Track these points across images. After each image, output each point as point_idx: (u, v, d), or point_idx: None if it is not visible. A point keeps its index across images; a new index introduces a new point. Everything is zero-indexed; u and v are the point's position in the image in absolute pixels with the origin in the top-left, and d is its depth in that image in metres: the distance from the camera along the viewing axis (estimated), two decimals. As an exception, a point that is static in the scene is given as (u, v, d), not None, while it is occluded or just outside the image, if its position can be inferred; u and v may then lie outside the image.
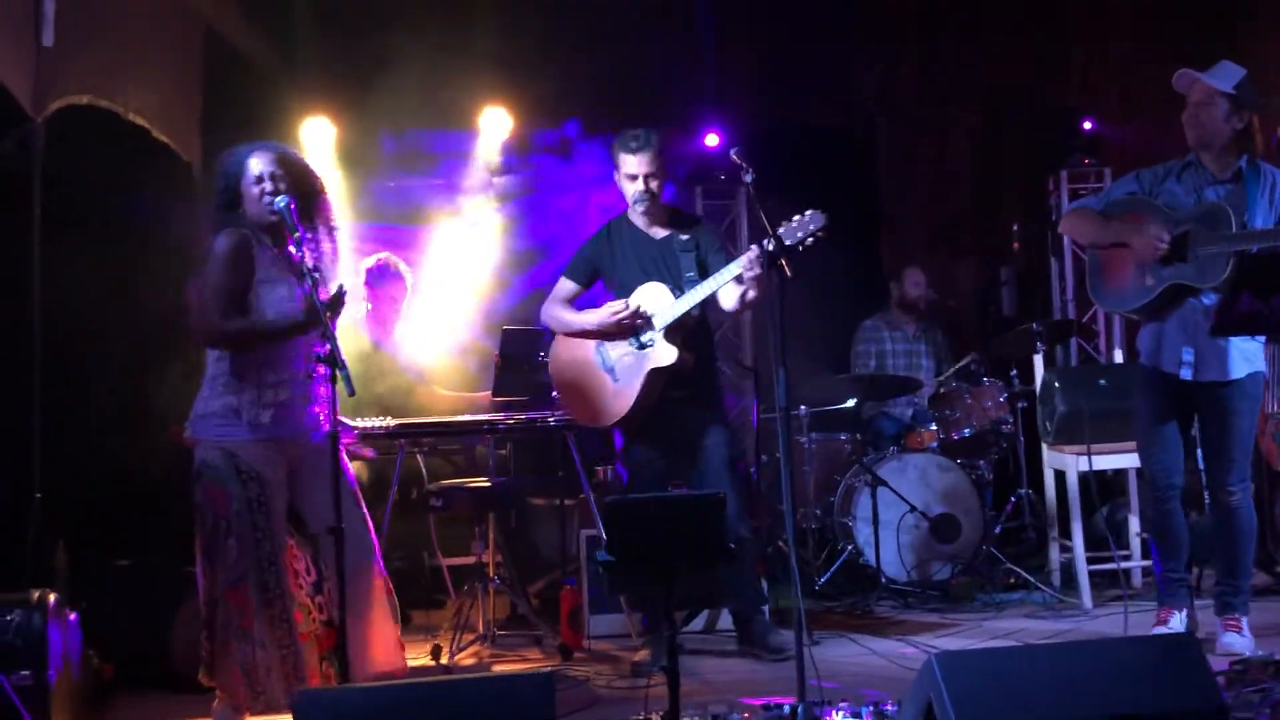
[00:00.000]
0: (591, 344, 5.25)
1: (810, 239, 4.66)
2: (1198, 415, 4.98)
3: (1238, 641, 4.81)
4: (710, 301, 5.11)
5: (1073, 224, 5.24)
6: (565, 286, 5.39)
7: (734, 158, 4.48)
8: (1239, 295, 4.26)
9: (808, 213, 4.70)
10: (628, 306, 5.12)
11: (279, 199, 4.15)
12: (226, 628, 4.10)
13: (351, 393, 3.93)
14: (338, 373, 3.91)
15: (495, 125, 7.61)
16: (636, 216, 5.31)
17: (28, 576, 4.71)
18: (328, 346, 3.92)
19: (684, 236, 5.25)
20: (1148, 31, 8.34)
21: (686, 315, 5.08)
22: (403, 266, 6.46)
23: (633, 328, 5.13)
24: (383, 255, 6.47)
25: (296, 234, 4.10)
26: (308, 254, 4.11)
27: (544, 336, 5.83)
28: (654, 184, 5.20)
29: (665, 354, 5.07)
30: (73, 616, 4.44)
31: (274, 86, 7.25)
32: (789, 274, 4.10)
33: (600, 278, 5.39)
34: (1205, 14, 8.03)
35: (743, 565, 5.24)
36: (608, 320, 5.14)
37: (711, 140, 8.32)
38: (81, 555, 5.35)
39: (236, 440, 4.15)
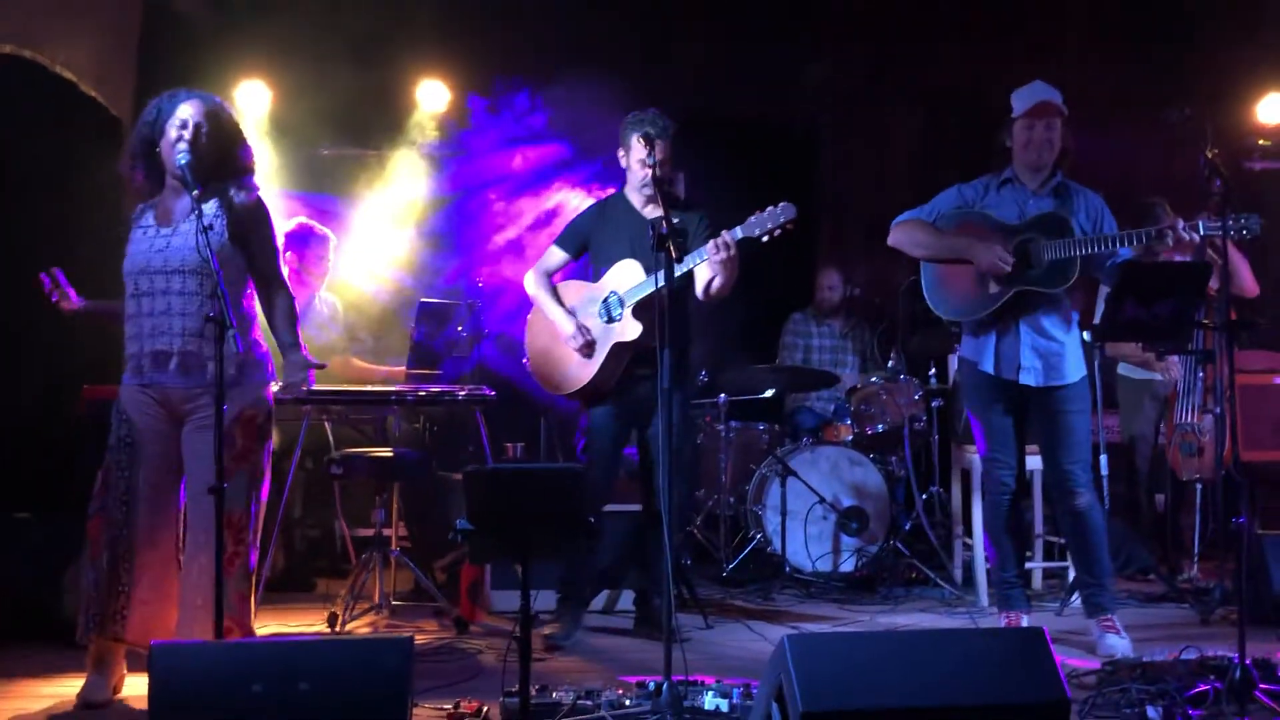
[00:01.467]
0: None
1: (777, 230, 4.77)
2: (1035, 420, 5.11)
3: (1119, 644, 4.91)
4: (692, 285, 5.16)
5: (907, 235, 5.21)
6: (554, 255, 5.45)
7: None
8: (1123, 303, 4.34)
9: (780, 204, 4.80)
10: (581, 339, 5.18)
11: (182, 156, 4.18)
12: (86, 563, 4.25)
13: (238, 351, 3.96)
14: (225, 332, 3.91)
15: (432, 96, 7.62)
16: (634, 195, 5.35)
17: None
18: (216, 305, 3.94)
19: (675, 220, 5.25)
20: (1093, 36, 8.45)
21: (655, 294, 5.10)
22: (325, 230, 6.46)
23: (588, 345, 5.18)
24: (302, 219, 6.47)
25: (195, 192, 4.14)
26: (205, 210, 4.16)
27: (459, 311, 5.86)
28: (665, 171, 5.22)
29: (630, 329, 5.12)
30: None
31: (211, 48, 7.24)
32: (674, 256, 4.12)
33: (587, 250, 5.43)
34: (1148, 20, 8.15)
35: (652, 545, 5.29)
36: (564, 334, 5.23)
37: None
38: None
39: (124, 384, 4.31)
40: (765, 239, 4.82)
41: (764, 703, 3.36)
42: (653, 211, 5.28)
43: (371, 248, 7.32)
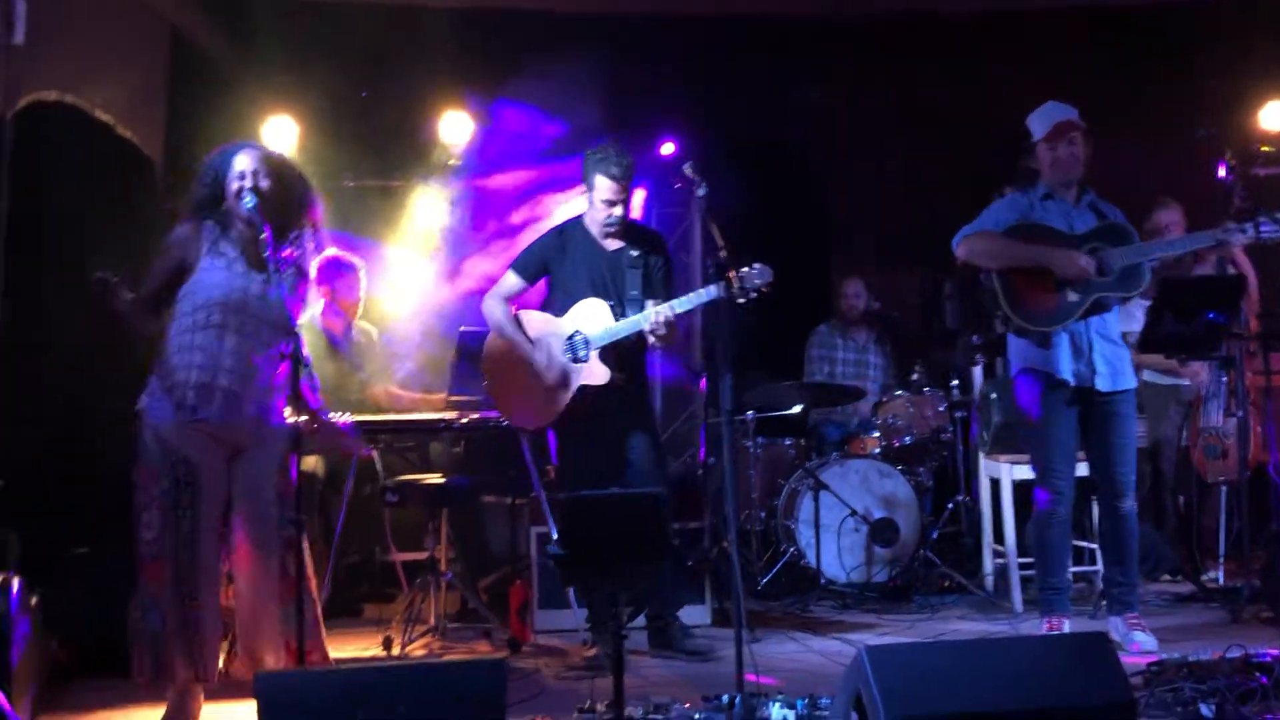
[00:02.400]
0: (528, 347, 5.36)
1: (754, 294, 4.84)
2: (1094, 425, 5.24)
3: (1147, 639, 5.11)
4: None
5: (982, 246, 5.25)
6: (510, 281, 5.43)
7: (687, 172, 4.63)
8: (1162, 317, 4.49)
9: (756, 266, 4.86)
10: (555, 371, 5.24)
11: (248, 199, 4.31)
12: (142, 600, 4.27)
13: (313, 384, 4.11)
14: (300, 369, 4.04)
15: (454, 127, 7.76)
16: (593, 227, 5.39)
17: (-13, 563, 4.79)
18: (291, 344, 4.06)
19: (634, 253, 5.34)
20: (1093, 50, 8.60)
21: (621, 340, 5.23)
22: (354, 259, 6.59)
23: (562, 377, 5.25)
24: (332, 250, 6.59)
25: (263, 235, 4.25)
26: (276, 250, 4.29)
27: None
28: (623, 209, 5.30)
29: (598, 373, 5.22)
30: (34, 600, 4.55)
31: (238, 87, 7.38)
32: (737, 288, 4.26)
33: (546, 276, 5.44)
34: (1148, 32, 8.32)
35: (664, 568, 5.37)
36: (536, 365, 5.28)
37: (667, 149, 8.48)
38: (38, 543, 5.44)
39: (164, 422, 4.29)
40: (741, 301, 4.82)
41: (842, 712, 3.49)
42: (612, 244, 5.36)
43: (402, 277, 7.45)
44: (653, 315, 5.02)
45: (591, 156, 5.30)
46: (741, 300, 4.81)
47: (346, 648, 5.66)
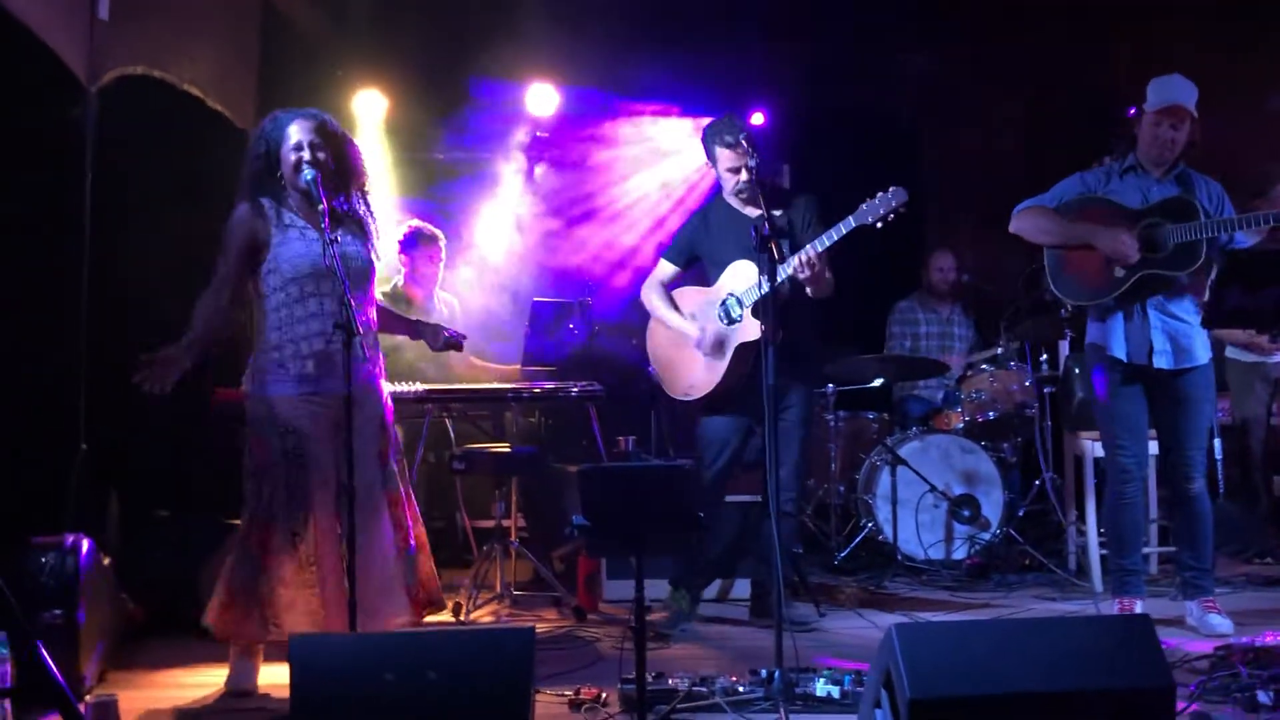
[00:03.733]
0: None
1: (890, 215, 4.87)
2: (1160, 404, 5.10)
3: (1222, 622, 4.99)
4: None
5: (1031, 222, 5.21)
6: (664, 269, 5.56)
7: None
8: (1228, 290, 4.35)
9: (890, 189, 4.88)
10: (709, 339, 5.31)
11: (307, 172, 4.36)
12: (246, 564, 4.36)
13: (364, 358, 4.16)
14: (352, 339, 4.09)
15: (539, 100, 7.79)
16: (732, 198, 5.43)
17: (68, 522, 4.95)
18: (344, 313, 4.11)
19: (776, 213, 5.34)
20: (1193, 21, 8.33)
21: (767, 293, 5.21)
22: (435, 230, 6.67)
23: (717, 344, 5.30)
24: (414, 222, 6.68)
25: (320, 205, 4.30)
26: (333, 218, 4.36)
27: (571, 309, 6.02)
28: (751, 172, 5.29)
29: (752, 329, 5.21)
30: (106, 561, 4.71)
31: (328, 59, 7.51)
32: (779, 257, 4.22)
33: (698, 260, 5.53)
34: (1252, 3, 8.02)
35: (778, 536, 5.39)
36: (690, 338, 5.36)
37: (757, 119, 8.42)
38: (125, 505, 5.64)
39: (275, 395, 4.39)
40: (879, 225, 4.89)
41: (874, 690, 3.45)
42: (753, 211, 5.34)
43: (484, 249, 7.51)
44: (795, 260, 5.01)
45: (708, 131, 5.37)
46: (880, 225, 4.88)
47: (417, 613, 5.76)
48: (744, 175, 5.29)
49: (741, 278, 5.29)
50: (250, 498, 4.41)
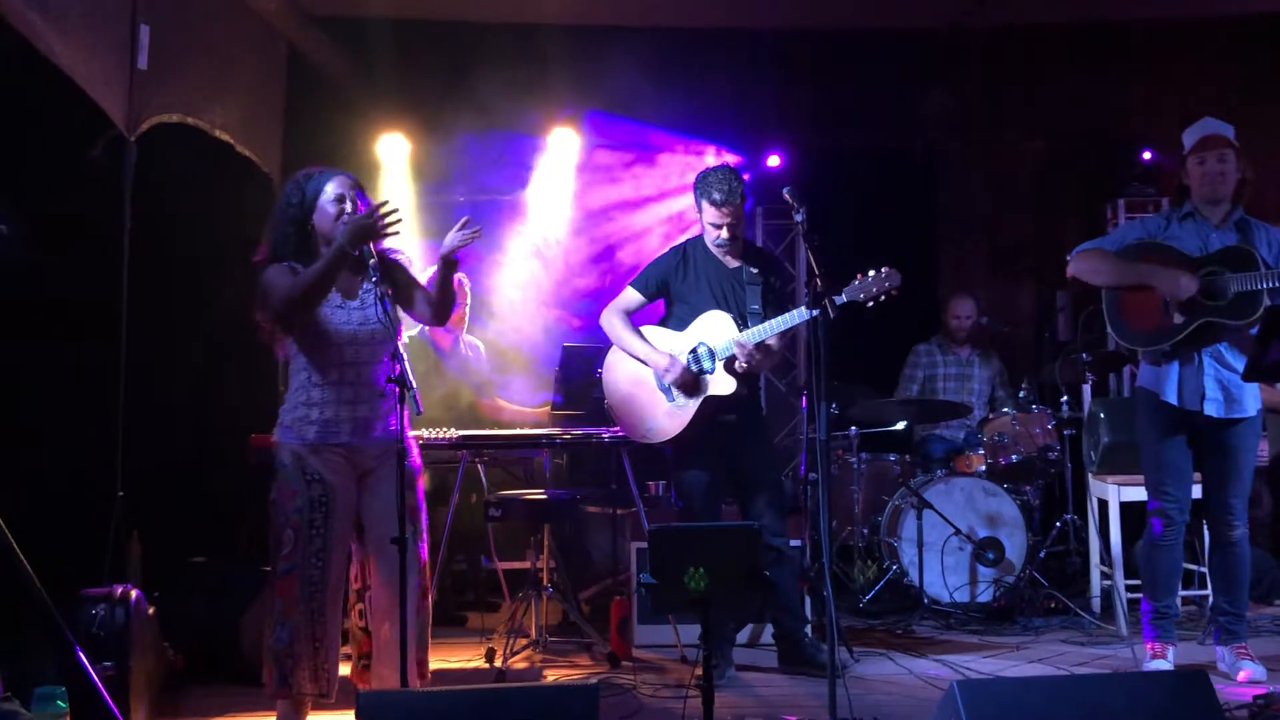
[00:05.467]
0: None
1: (881, 296, 4.89)
2: (1207, 452, 5.15)
3: (1257, 669, 5.04)
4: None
5: (1089, 264, 5.23)
6: (630, 296, 5.54)
7: (786, 197, 4.66)
8: (1269, 344, 4.40)
9: (883, 270, 4.90)
10: (676, 370, 5.29)
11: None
12: (271, 614, 4.38)
13: (419, 412, 4.18)
14: (406, 393, 4.14)
15: (562, 143, 7.86)
16: (713, 246, 5.45)
17: (107, 571, 4.97)
18: (398, 367, 4.15)
19: (754, 270, 5.41)
20: (1208, 62, 8.43)
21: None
22: (460, 275, 6.70)
23: (686, 382, 5.31)
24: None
25: (372, 260, 4.35)
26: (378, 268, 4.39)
27: (599, 353, 6.06)
28: (736, 231, 5.35)
29: (723, 384, 5.27)
30: (150, 610, 4.73)
31: (352, 104, 7.59)
32: (831, 315, 4.27)
33: (665, 294, 5.53)
34: (1267, 45, 8.12)
35: (784, 581, 5.43)
36: (658, 365, 5.35)
37: (773, 161, 8.52)
38: (158, 551, 5.64)
39: (306, 444, 4.41)
40: (869, 304, 4.90)
41: (935, 745, 3.49)
42: (732, 261, 5.42)
43: (509, 291, 7.56)
44: (736, 348, 5.08)
45: (699, 180, 5.39)
46: (870, 304, 4.89)
47: (451, 658, 5.79)
48: (725, 233, 5.33)
49: (716, 329, 5.31)
50: (273, 546, 4.41)
